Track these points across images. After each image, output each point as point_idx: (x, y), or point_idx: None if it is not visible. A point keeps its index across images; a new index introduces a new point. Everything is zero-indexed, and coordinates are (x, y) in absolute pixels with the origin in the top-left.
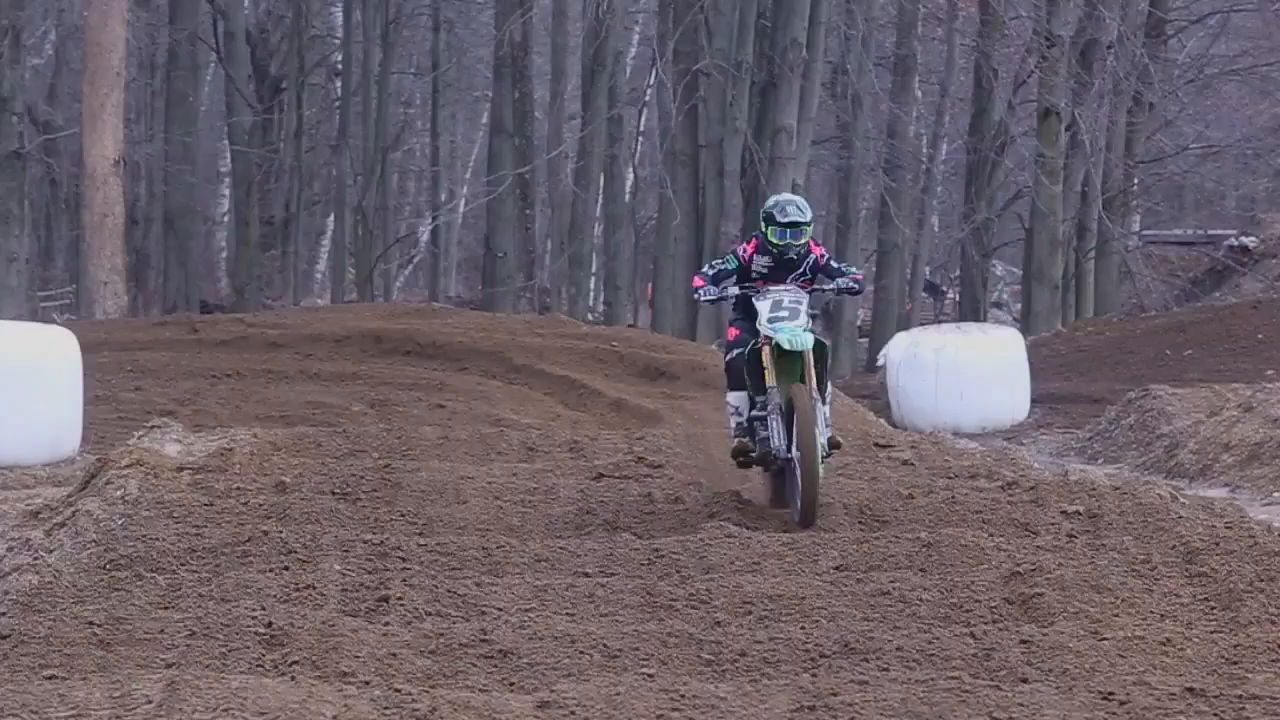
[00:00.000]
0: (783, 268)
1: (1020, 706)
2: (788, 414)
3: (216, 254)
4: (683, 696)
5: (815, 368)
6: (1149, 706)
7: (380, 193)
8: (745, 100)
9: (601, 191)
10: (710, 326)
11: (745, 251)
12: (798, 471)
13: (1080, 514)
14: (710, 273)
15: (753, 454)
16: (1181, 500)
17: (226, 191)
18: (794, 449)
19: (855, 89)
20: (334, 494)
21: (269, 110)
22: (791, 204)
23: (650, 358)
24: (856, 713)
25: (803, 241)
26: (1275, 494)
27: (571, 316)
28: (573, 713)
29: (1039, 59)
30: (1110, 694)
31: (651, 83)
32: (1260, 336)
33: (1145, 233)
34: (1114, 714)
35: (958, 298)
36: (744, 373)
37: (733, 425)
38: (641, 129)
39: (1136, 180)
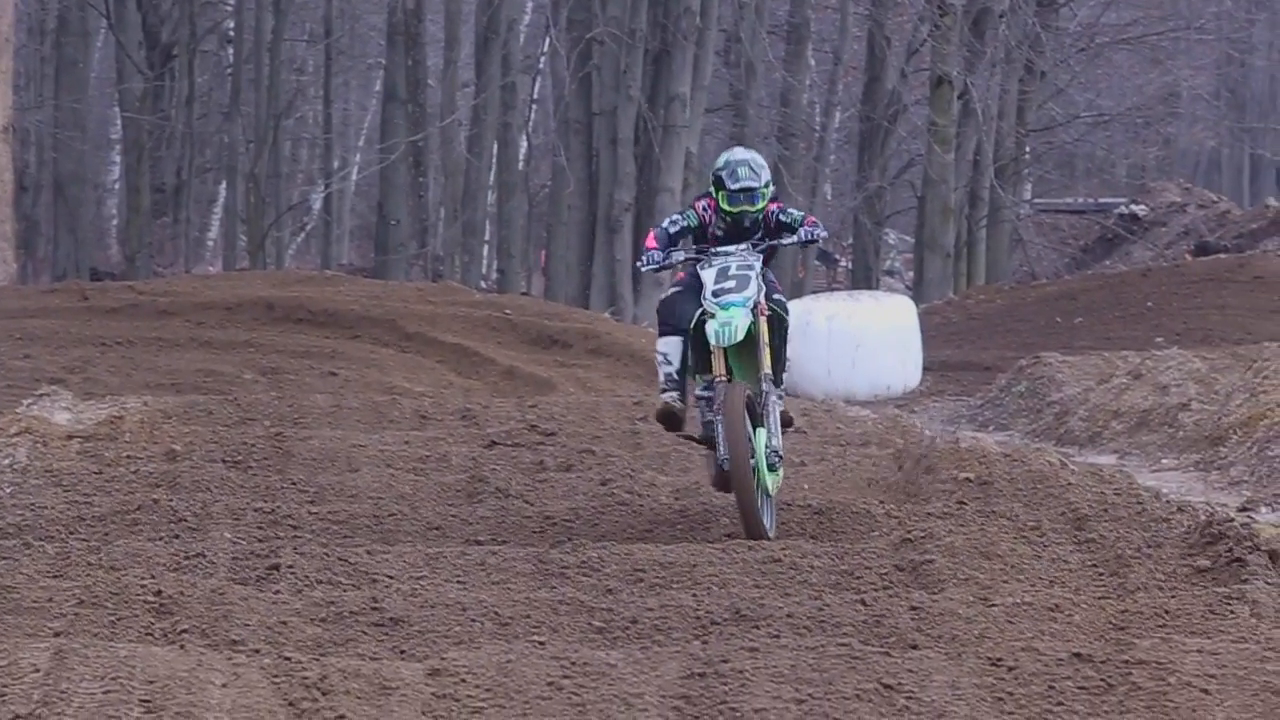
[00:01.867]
0: (739, 231)
1: (910, 673)
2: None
3: (107, 221)
4: (573, 664)
5: (771, 342)
6: (1036, 672)
7: (272, 160)
8: (639, 68)
9: (495, 159)
10: (603, 294)
11: (707, 208)
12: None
13: (971, 481)
14: (670, 230)
15: (680, 420)
16: (1071, 467)
17: (117, 158)
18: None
19: (749, 57)
20: (225, 462)
21: (160, 77)
22: (743, 165)
23: (543, 326)
24: (747, 679)
25: (759, 207)
26: (1163, 460)
27: (464, 284)
28: (463, 680)
29: (932, 27)
30: (999, 660)
31: (545, 50)
32: (1150, 304)
33: (1036, 201)
34: (1002, 679)
35: (850, 265)
36: (673, 311)
37: (661, 376)
38: (535, 97)
39: (1028, 148)
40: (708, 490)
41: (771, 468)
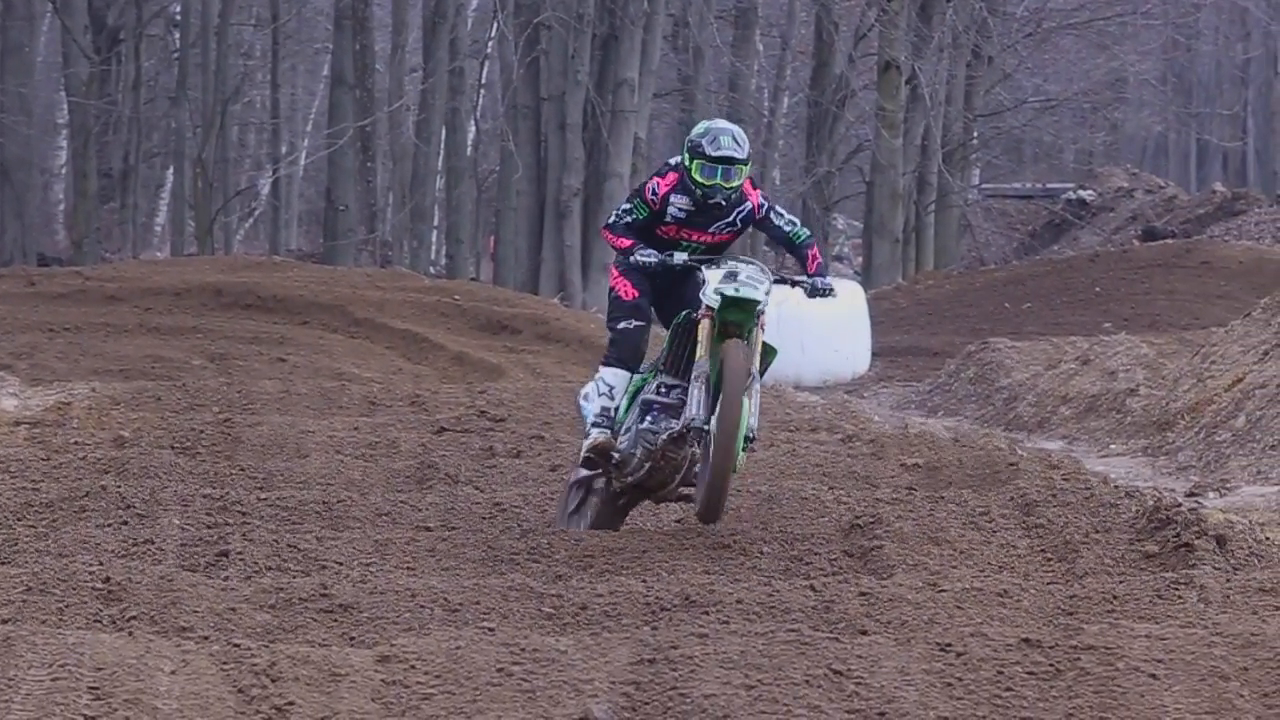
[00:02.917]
0: (706, 214)
1: (859, 658)
2: (714, 385)
3: (54, 206)
4: (523, 650)
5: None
6: (985, 657)
7: (220, 145)
8: (587, 53)
9: (443, 144)
10: (552, 280)
11: (656, 190)
12: (710, 450)
13: (920, 467)
14: (625, 223)
15: (615, 456)
16: (1019, 453)
17: (64, 143)
18: (712, 421)
19: (697, 42)
20: (173, 448)
21: (106, 61)
22: (726, 134)
23: (492, 311)
24: (696, 665)
25: (735, 184)
26: (1111, 446)
27: (413, 270)
28: (413, 667)
29: (879, 12)
30: (948, 645)
31: (493, 35)
32: (1098, 289)
33: (984, 186)
34: (951, 665)
35: None
36: (637, 345)
37: (594, 411)
38: (483, 82)
39: (976, 134)
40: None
41: (745, 443)
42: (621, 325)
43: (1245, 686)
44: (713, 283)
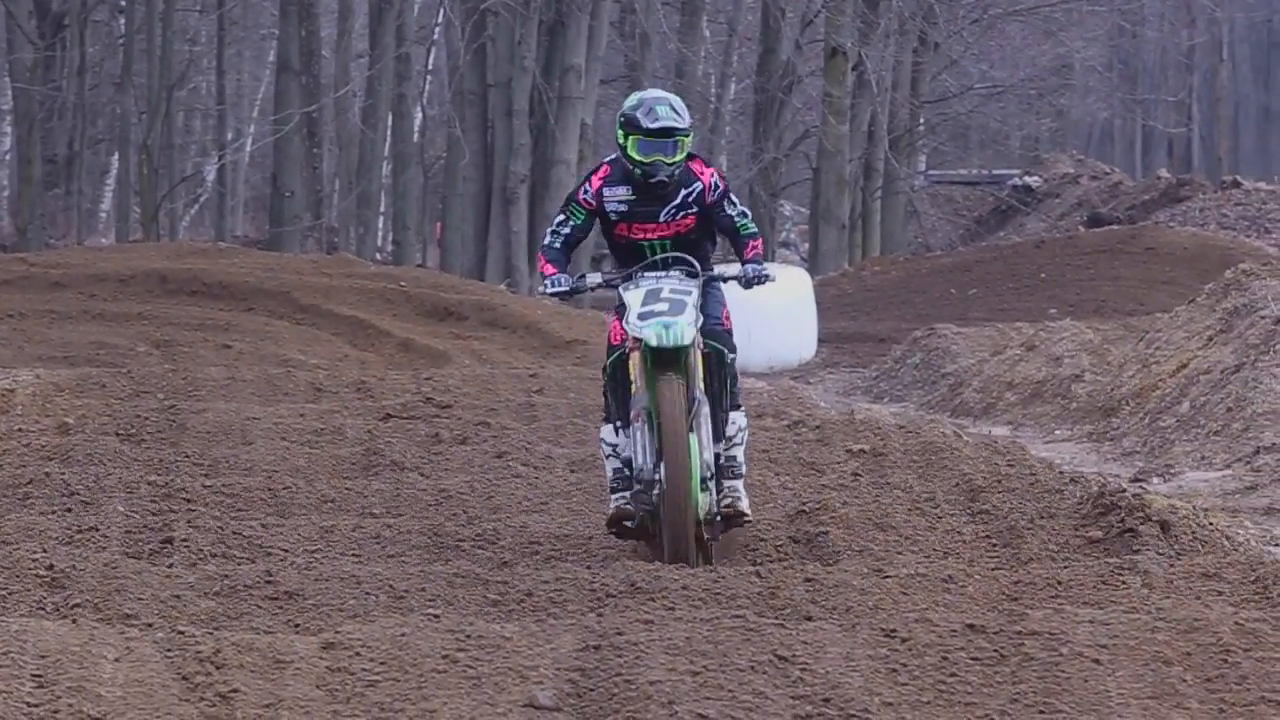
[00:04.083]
0: (650, 199)
1: (804, 644)
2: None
3: None
4: (468, 637)
5: (710, 386)
6: (930, 643)
7: (165, 131)
8: (533, 39)
9: (389, 131)
10: (498, 266)
11: (590, 189)
12: (664, 498)
13: (865, 453)
14: (556, 243)
15: (631, 524)
16: (965, 438)
17: (8, 129)
18: (659, 469)
19: (644, 28)
20: (118, 435)
21: (51, 47)
22: (663, 103)
23: (439, 298)
24: (642, 651)
25: (677, 159)
26: (1057, 431)
27: (359, 256)
28: (358, 654)
29: None
30: (893, 631)
31: (439, 21)
32: (1043, 275)
33: (931, 172)
34: (896, 651)
35: None
36: (622, 410)
37: (608, 473)
38: (429, 68)
39: (922, 120)
40: (604, 463)
41: (702, 483)
42: (608, 366)
43: (1188, 671)
44: (634, 307)
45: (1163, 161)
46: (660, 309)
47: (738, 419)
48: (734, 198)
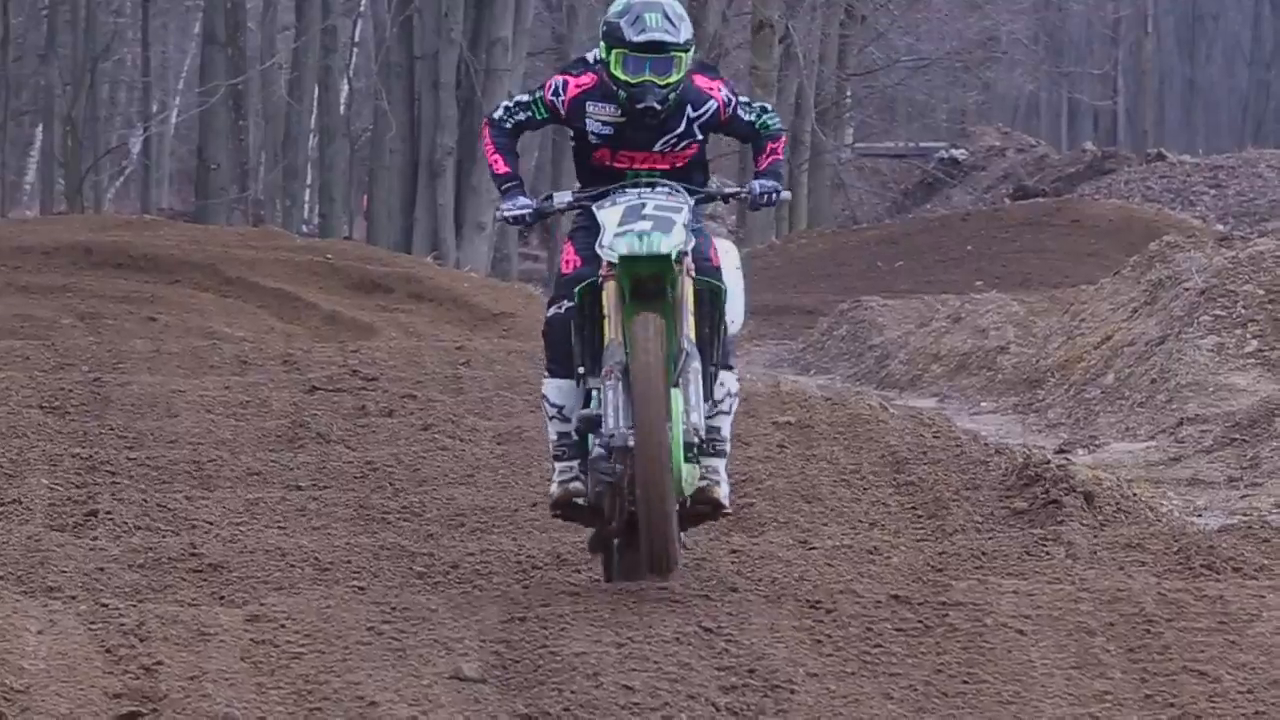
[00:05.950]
0: (640, 127)
1: (729, 615)
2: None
3: None
4: (394, 609)
5: (697, 311)
6: (855, 614)
7: (90, 103)
8: (460, 11)
9: (316, 103)
10: (425, 239)
11: (562, 89)
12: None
13: (791, 424)
14: (508, 123)
15: (580, 502)
16: (891, 410)
17: None
18: (632, 433)
19: (571, 0)
20: (41, 408)
21: None
22: (655, 9)
23: (365, 270)
24: (567, 623)
25: (674, 79)
26: (983, 403)
27: (285, 229)
28: (283, 625)
29: None
30: (818, 602)
31: None
32: (969, 248)
33: (858, 145)
34: (820, 622)
35: None
36: (568, 339)
37: (552, 435)
38: (356, 40)
39: (849, 93)
40: (530, 434)
41: (688, 452)
42: (550, 312)
43: (1111, 641)
44: (609, 227)
45: (1088, 134)
46: (643, 226)
47: (728, 380)
48: (745, 98)
